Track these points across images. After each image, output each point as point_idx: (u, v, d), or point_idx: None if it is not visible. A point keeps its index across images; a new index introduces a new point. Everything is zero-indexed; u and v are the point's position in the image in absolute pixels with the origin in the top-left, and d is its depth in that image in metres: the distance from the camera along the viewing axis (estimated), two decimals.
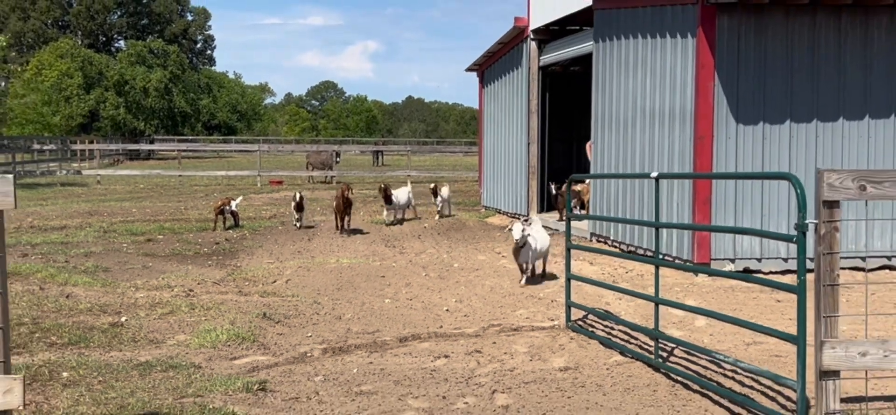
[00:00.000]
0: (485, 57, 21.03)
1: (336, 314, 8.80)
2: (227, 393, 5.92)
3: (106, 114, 66.75)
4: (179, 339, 7.59)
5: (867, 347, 4.87)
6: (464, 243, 14.74)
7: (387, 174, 36.27)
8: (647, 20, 12.43)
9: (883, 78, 11.13)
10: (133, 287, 10.07)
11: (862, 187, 4.82)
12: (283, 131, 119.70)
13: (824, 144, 11.04)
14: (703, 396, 6.00)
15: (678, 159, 11.41)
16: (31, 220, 18.20)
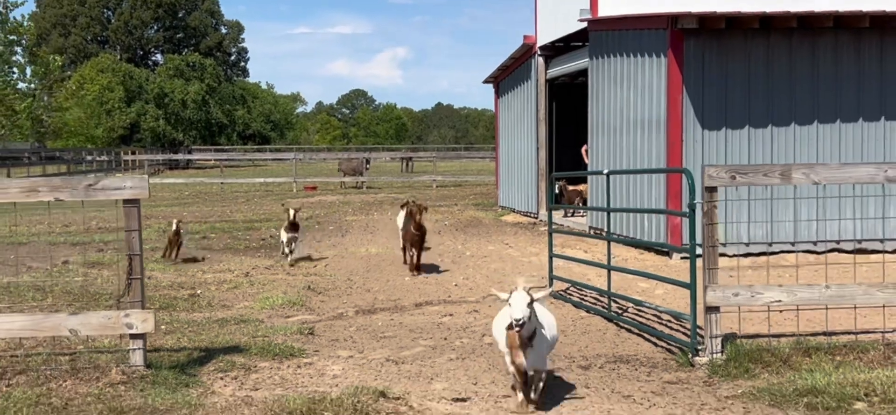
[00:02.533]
0: (499, 70, 23.13)
1: (365, 288, 10.95)
2: (285, 335, 8.05)
3: (146, 125, 69.62)
4: (244, 304, 9.77)
5: (738, 290, 6.92)
6: (477, 237, 16.83)
7: (413, 179, 38.41)
8: (630, 41, 14.46)
9: (829, 89, 13.05)
10: (201, 271, 12.29)
11: (732, 177, 6.86)
12: (315, 140, 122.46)
13: (778, 146, 12.99)
14: (638, 335, 8.06)
15: (655, 160, 13.40)
16: (96, 223, 20.53)
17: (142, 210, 6.83)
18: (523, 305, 5.59)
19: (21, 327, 6.50)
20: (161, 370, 6.55)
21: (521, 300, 5.64)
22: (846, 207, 12.49)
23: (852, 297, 6.94)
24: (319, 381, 6.60)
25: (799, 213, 12.80)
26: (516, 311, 5.56)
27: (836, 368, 6.45)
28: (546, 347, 5.99)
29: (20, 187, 6.38)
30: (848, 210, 12.45)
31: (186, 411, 5.67)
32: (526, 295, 5.68)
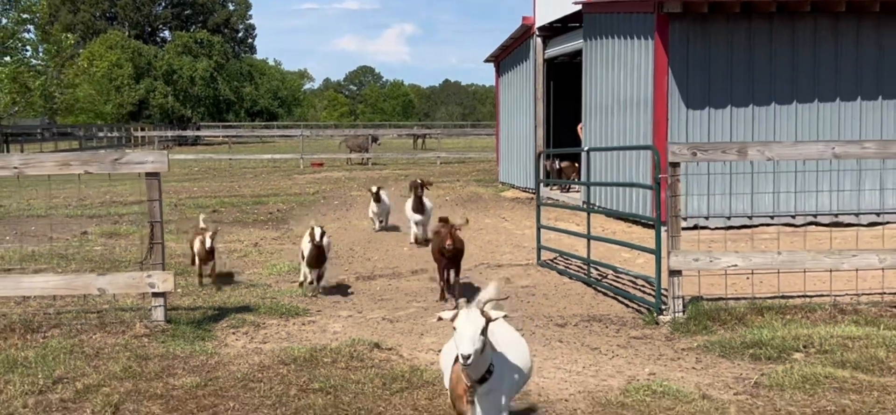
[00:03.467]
0: (500, 49, 23.80)
1: (366, 257, 11.72)
2: (292, 297, 8.84)
3: (155, 102, 70.42)
4: (254, 271, 10.55)
5: (699, 255, 7.66)
6: (476, 211, 17.57)
7: (418, 156, 39.10)
8: (620, 24, 15.13)
9: (807, 71, 13.71)
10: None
11: (694, 154, 7.58)
12: (322, 116, 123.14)
13: (758, 125, 13.67)
14: (613, 298, 8.82)
15: (643, 138, 14.09)
16: (109, 196, 21.32)
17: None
18: (472, 335, 3.92)
19: (55, 285, 7.29)
20: (180, 325, 7.34)
21: (470, 329, 3.91)
22: (823, 181, 13.22)
23: (802, 262, 7.69)
24: (321, 336, 7.37)
25: (778, 186, 13.48)
26: (463, 345, 3.90)
27: (784, 325, 7.20)
28: (509, 389, 4.23)
29: (55, 161, 7.14)
30: (825, 184, 13.18)
31: (204, 358, 6.45)
32: (477, 318, 3.96)
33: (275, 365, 6.25)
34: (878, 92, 13.79)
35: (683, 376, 6.04)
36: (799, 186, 13.28)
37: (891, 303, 7.88)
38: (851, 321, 7.27)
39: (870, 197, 13.73)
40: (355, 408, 5.31)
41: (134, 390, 5.63)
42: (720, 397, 5.52)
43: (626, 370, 6.28)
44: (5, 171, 7.11)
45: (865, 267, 7.77)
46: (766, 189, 13.45)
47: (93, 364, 6.22)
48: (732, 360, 6.44)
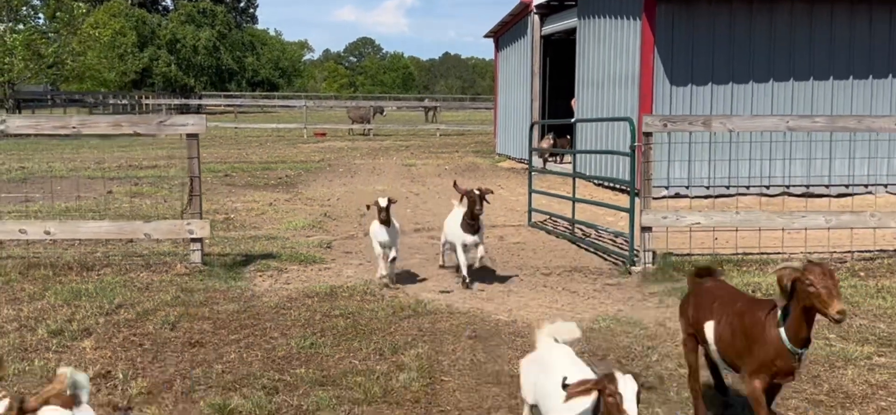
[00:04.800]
0: (499, 25, 24.81)
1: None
2: (308, 248, 9.94)
3: (158, 71, 71.23)
4: (271, 226, 11.66)
5: (667, 214, 8.76)
6: (474, 179, 18.64)
7: (418, 128, 40.14)
8: (613, 4, 16.14)
9: (784, 52, 14.75)
10: (230, 201, 14.17)
11: (664, 125, 8.67)
12: (322, 87, 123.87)
13: (737, 101, 14.72)
14: (594, 253, 9.92)
15: (630, 111, 15.14)
16: (123, 161, 22.39)
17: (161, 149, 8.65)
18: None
19: (108, 230, 8.39)
20: (214, 267, 8.45)
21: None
22: (796, 151, 14.32)
23: (757, 221, 8.80)
24: (337, 278, 8.47)
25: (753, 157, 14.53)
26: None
27: (740, 275, 8.31)
28: None
29: (108, 122, 8.22)
30: (798, 155, 14.28)
31: (239, 292, 7.56)
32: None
33: (301, 298, 7.36)
34: (848, 72, 14.85)
35: (646, 313, 7.14)
36: (774, 156, 14.36)
37: (839, 259, 8.99)
38: None
39: (840, 167, 14.79)
40: (371, 328, 6.42)
41: (185, 313, 6.74)
42: (674, 326, 6.62)
43: (598, 308, 7.39)
44: (65, 130, 8.19)
45: (813, 227, 8.89)
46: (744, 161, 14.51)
47: (145, 295, 7.33)
48: None
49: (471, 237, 8.26)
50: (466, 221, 8.20)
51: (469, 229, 8.23)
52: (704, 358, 4.79)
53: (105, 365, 5.51)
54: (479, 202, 8.14)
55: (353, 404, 4.92)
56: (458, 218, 8.39)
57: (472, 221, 8.16)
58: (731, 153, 14.26)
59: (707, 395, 4.84)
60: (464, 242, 8.26)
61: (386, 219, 7.87)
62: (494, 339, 6.27)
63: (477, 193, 8.16)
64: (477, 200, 8.12)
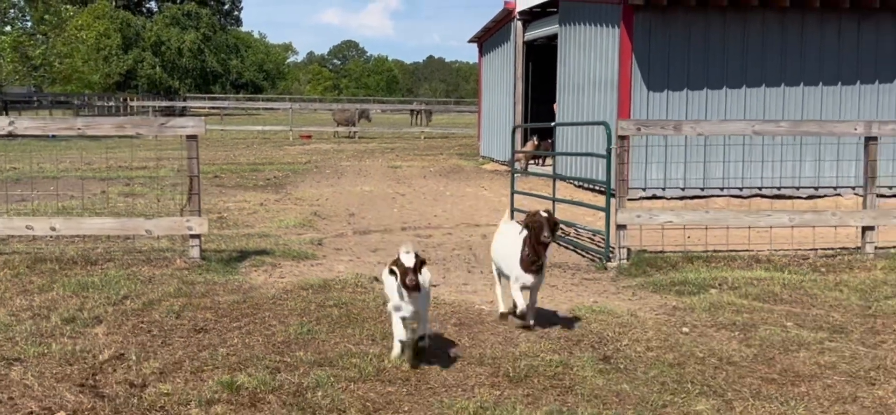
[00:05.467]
0: (483, 31, 25.34)
1: (361, 216, 13.30)
2: (300, 245, 10.40)
3: (143, 73, 71.36)
4: (263, 225, 12.11)
5: (640, 212, 9.28)
6: (458, 181, 19.17)
7: (403, 131, 40.59)
8: (592, 12, 16.69)
9: (757, 59, 15.33)
10: (222, 201, 14.60)
11: (638, 128, 9.19)
12: (306, 90, 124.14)
13: (711, 106, 15.28)
14: (573, 250, 10.44)
15: (609, 115, 15.67)
16: (112, 163, 22.73)
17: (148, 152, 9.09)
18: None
19: (111, 227, 8.83)
20: (212, 262, 8.89)
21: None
22: (768, 155, 14.89)
23: (725, 219, 9.35)
24: (329, 273, 8.93)
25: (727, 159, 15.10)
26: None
27: (708, 270, 8.84)
28: None
29: (111, 124, 8.68)
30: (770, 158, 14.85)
31: (237, 284, 8.02)
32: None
33: (296, 290, 7.82)
34: (819, 79, 15.45)
35: (619, 304, 7.65)
36: (748, 159, 14.93)
37: (802, 256, 9.55)
38: (763, 268, 8.93)
39: (809, 170, 15.37)
40: (363, 317, 6.89)
41: (188, 303, 7.19)
42: (644, 315, 7.14)
43: (575, 299, 7.90)
44: (71, 131, 8.61)
45: (778, 225, 9.45)
46: (718, 163, 15.08)
47: (149, 287, 7.77)
48: (661, 294, 8.06)
49: (532, 278, 6.45)
50: (529, 255, 6.35)
51: (531, 267, 6.39)
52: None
53: (118, 348, 5.96)
54: (549, 230, 6.27)
55: (349, 381, 5.40)
56: (513, 244, 6.57)
57: (535, 257, 6.34)
58: (705, 156, 14.83)
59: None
60: (524, 282, 6.47)
61: (414, 284, 5.63)
62: (477, 326, 6.76)
63: (545, 217, 6.30)
64: (545, 226, 6.25)
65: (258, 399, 5.09)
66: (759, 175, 15.26)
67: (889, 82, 15.51)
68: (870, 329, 6.65)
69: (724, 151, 14.92)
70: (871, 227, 9.33)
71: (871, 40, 15.45)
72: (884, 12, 15.31)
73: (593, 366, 5.72)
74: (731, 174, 15.08)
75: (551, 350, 6.08)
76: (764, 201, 15.01)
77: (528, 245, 6.41)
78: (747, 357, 5.93)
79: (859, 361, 5.85)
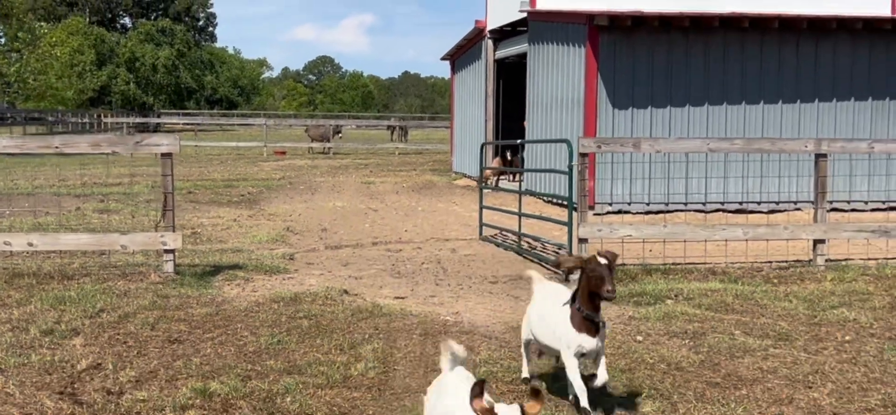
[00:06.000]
0: (455, 49, 25.74)
1: (333, 231, 13.58)
2: (273, 260, 10.66)
3: (117, 89, 71.29)
4: (236, 240, 12.36)
5: (601, 226, 9.64)
6: (430, 197, 19.49)
7: (377, 147, 40.89)
8: (559, 32, 17.11)
9: (718, 78, 15.80)
10: (196, 216, 14.83)
11: (599, 146, 9.56)
12: (281, 106, 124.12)
13: (675, 124, 15.72)
14: (538, 263, 10.78)
15: (576, 132, 16.06)
16: (87, 179, 22.86)
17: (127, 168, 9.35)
18: None
19: (87, 242, 9.07)
20: (185, 276, 9.15)
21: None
22: (729, 171, 15.33)
23: (682, 233, 9.72)
24: (300, 287, 9.20)
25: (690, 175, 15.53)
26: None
27: (665, 281, 9.20)
28: None
29: (88, 142, 8.91)
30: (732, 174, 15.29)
31: (210, 297, 8.28)
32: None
33: (267, 302, 8.10)
34: (778, 97, 15.94)
35: None
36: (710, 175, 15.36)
37: (757, 268, 9.94)
38: (718, 280, 9.31)
39: (769, 186, 15.84)
40: (332, 328, 7.18)
41: (163, 315, 7.45)
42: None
43: None
44: (48, 150, 8.85)
45: (733, 238, 9.84)
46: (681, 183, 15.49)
47: (124, 300, 8.02)
48: (620, 305, 8.40)
49: (591, 340, 5.07)
50: (585, 312, 5.03)
51: (587, 326, 5.05)
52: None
53: (95, 359, 6.21)
54: (613, 283, 4.93)
55: (317, 388, 5.69)
56: (555, 302, 5.30)
57: (595, 313, 5.04)
58: (668, 172, 15.24)
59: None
60: (580, 348, 5.08)
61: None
62: (441, 335, 7.05)
63: (605, 265, 4.95)
64: (607, 279, 4.91)
65: (230, 405, 5.37)
66: (722, 191, 15.71)
67: (846, 100, 16.03)
68: (813, 337, 7.02)
69: (686, 168, 15.34)
70: (822, 240, 9.74)
71: (829, 60, 15.97)
72: (840, 33, 15.84)
73: (549, 372, 6.04)
74: (694, 190, 15.50)
75: (510, 357, 6.40)
76: (725, 216, 15.44)
77: (583, 299, 5.02)
78: (694, 363, 6.28)
79: (799, 366, 6.22)
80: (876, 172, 15.88)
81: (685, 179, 15.35)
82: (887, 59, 16.05)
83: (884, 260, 10.19)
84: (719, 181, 15.34)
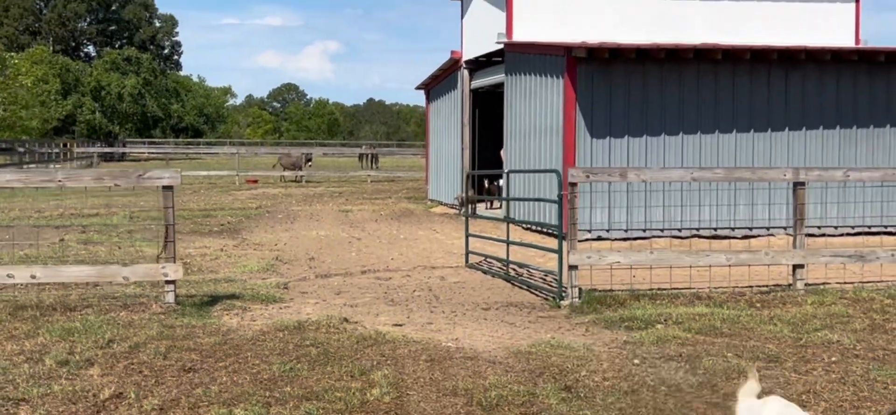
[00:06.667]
0: (430, 79, 26.10)
1: (320, 260, 13.78)
2: (267, 289, 10.85)
3: (83, 118, 70.80)
4: (227, 270, 12.52)
5: (590, 254, 9.96)
6: (410, 225, 19.74)
7: (349, 175, 41.09)
8: (538, 63, 17.51)
9: (692, 108, 16.27)
10: (182, 247, 14.92)
11: (587, 176, 9.89)
12: (247, 133, 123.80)
13: (651, 152, 16.15)
14: (527, 290, 11.07)
15: (555, 161, 16.44)
16: (61, 211, 22.82)
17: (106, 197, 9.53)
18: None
19: (88, 274, 9.20)
20: (186, 307, 9.31)
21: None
22: (704, 199, 15.76)
23: (668, 260, 10.07)
24: (298, 315, 9.40)
25: (667, 203, 15.96)
26: None
27: (653, 306, 9.53)
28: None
29: (91, 176, 9.06)
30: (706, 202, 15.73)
31: (215, 327, 8.45)
32: None
33: (272, 331, 8.29)
34: (750, 126, 16.44)
35: (574, 339, 8.27)
36: (686, 203, 15.79)
37: (739, 293, 10.30)
38: (704, 304, 9.65)
39: (743, 212, 16.31)
40: (340, 355, 7.40)
41: (173, 345, 7.62)
42: (598, 349, 7.77)
43: (533, 336, 8.49)
44: (50, 183, 8.99)
45: (717, 264, 10.21)
46: (658, 210, 15.92)
47: (131, 331, 8.16)
48: (612, 330, 8.70)
49: None
50: None
51: None
52: None
53: (116, 388, 6.37)
54: None
55: (337, 413, 5.91)
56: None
57: None
58: (647, 201, 15.65)
59: None
60: None
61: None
62: (447, 362, 7.31)
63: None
64: None
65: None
66: (697, 218, 16.14)
67: (815, 129, 16.58)
68: (801, 358, 7.36)
69: (663, 196, 15.77)
70: (801, 265, 10.14)
71: (798, 90, 16.53)
72: (809, 64, 16.41)
73: (556, 395, 6.31)
74: (671, 217, 15.93)
75: (517, 382, 6.66)
76: (702, 242, 15.87)
77: None
78: (693, 385, 6.59)
79: (792, 386, 6.55)
80: (845, 200, 16.40)
81: (662, 207, 15.79)
82: (854, 89, 16.65)
83: (859, 284, 10.61)
84: (694, 209, 15.78)
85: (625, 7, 19.85)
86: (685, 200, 15.85)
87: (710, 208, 15.89)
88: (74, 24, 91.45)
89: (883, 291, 10.15)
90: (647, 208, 15.70)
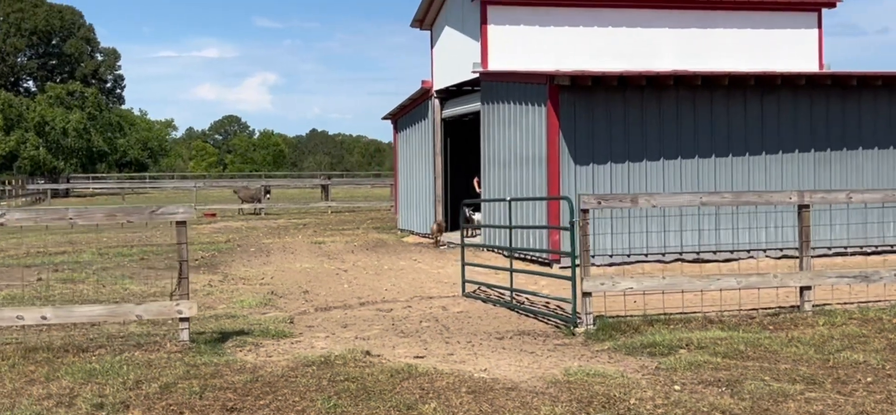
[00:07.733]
0: (398, 109, 26.08)
1: (314, 294, 13.60)
2: (274, 324, 10.65)
3: (26, 154, 69.18)
4: (224, 306, 12.28)
5: (604, 279, 9.99)
6: (388, 255, 19.62)
7: (310, 206, 40.75)
8: (517, 91, 17.61)
9: (672, 134, 16.51)
10: (167, 284, 14.61)
11: (599, 202, 9.94)
12: (190, 166, 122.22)
13: (633, 177, 16.32)
14: (534, 318, 11.05)
15: (539, 189, 16.52)
16: (26, 249, 22.21)
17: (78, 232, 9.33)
18: None
19: (100, 313, 8.94)
20: (200, 345, 9.09)
21: None
22: (686, 224, 15.97)
23: (681, 285, 10.15)
24: (312, 351, 9.23)
25: (668, 228, 16.13)
26: None
27: (670, 331, 9.58)
28: None
29: (103, 213, 8.82)
30: (688, 226, 15.95)
31: (239, 365, 8.25)
32: None
33: (300, 367, 8.13)
34: (728, 150, 16.73)
35: (604, 367, 8.26)
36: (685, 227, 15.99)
37: (749, 315, 10.42)
38: (718, 328, 9.74)
39: (725, 236, 16.56)
40: (379, 389, 7.28)
41: (205, 384, 7.42)
42: (632, 376, 7.78)
43: (560, 364, 8.47)
44: (62, 221, 8.74)
45: (727, 287, 10.32)
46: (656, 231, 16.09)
47: (155, 371, 7.93)
48: (635, 356, 8.72)
49: None
50: None
51: None
52: None
53: None
54: None
55: None
56: None
57: None
58: (630, 227, 15.79)
59: None
60: None
61: None
62: (489, 393, 7.24)
63: None
64: None
65: None
66: (691, 241, 16.36)
67: (791, 152, 16.93)
68: (837, 379, 7.46)
69: (646, 223, 15.93)
70: (808, 287, 10.30)
71: (773, 113, 16.88)
72: (784, 89, 16.78)
73: None
74: (664, 241, 16.12)
75: (570, 411, 6.62)
76: (711, 266, 16.06)
77: None
78: (745, 410, 6.62)
79: (842, 407, 6.62)
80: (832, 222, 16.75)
81: (645, 232, 15.95)
82: (827, 112, 17.06)
83: (865, 304, 10.82)
84: (689, 234, 16.00)
85: (597, 36, 20.12)
86: (668, 227, 16.04)
87: (705, 232, 16.09)
88: (13, 59, 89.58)
89: (888, 311, 10.36)
90: (629, 235, 15.84)
